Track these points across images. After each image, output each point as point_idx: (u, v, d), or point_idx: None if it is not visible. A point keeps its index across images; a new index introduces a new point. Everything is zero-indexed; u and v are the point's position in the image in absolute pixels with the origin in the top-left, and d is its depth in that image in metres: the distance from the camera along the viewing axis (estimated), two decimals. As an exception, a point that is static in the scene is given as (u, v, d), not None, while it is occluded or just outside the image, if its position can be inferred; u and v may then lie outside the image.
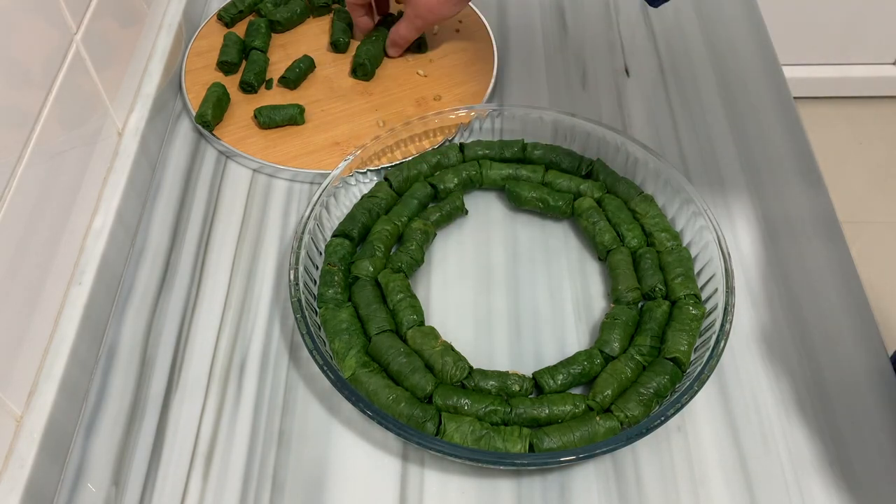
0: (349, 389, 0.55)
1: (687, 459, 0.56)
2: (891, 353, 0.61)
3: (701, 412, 0.58)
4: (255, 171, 0.73)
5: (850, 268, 0.65)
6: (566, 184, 0.68)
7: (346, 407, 0.58)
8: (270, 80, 0.78)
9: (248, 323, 0.63)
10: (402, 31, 0.78)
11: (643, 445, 0.56)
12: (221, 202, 0.71)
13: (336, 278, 0.62)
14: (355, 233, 0.65)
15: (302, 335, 0.57)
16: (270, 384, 0.60)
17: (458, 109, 0.72)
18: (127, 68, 0.71)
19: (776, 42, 0.84)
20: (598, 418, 0.54)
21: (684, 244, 0.64)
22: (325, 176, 0.69)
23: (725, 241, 0.61)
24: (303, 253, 0.61)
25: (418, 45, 0.81)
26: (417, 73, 0.79)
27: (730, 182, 0.71)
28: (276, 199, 0.71)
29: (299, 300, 0.59)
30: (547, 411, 0.55)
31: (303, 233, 0.62)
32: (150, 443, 0.57)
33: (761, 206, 0.69)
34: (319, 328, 0.59)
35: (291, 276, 0.60)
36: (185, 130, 0.76)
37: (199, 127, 0.74)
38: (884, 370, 0.59)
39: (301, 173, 0.72)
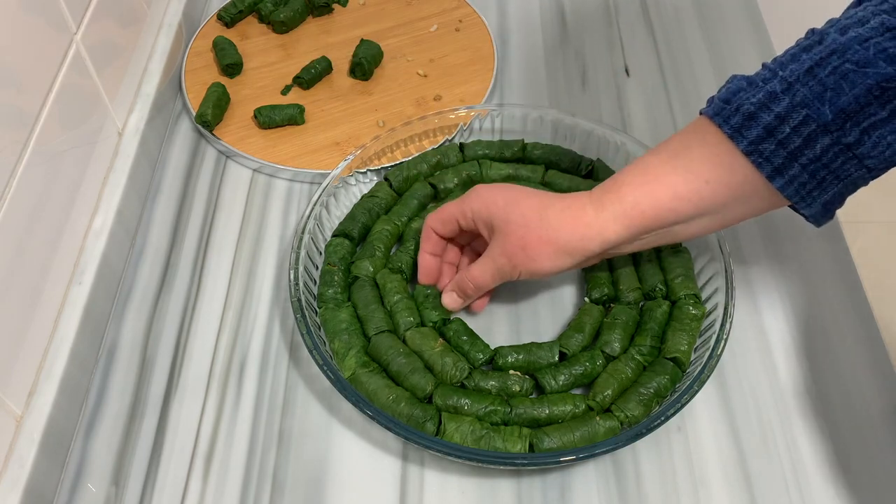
0: (349, 389, 0.55)
1: (687, 459, 0.56)
2: (891, 352, 0.61)
3: (701, 412, 0.58)
4: (255, 171, 0.73)
5: (850, 267, 0.65)
6: (566, 184, 0.68)
7: (346, 407, 0.58)
8: (288, 87, 0.78)
9: (248, 323, 0.63)
10: (476, 274, 0.58)
11: (643, 445, 0.56)
12: (221, 202, 0.71)
13: (336, 278, 0.62)
14: (355, 233, 0.65)
15: (302, 335, 0.57)
16: (270, 384, 0.60)
17: (457, 109, 0.72)
18: (127, 68, 0.71)
19: (777, 42, 0.84)
20: (598, 418, 0.54)
21: (684, 244, 0.64)
22: (325, 176, 0.69)
23: (725, 241, 0.61)
24: (303, 253, 0.61)
25: (363, 73, 0.79)
26: (417, 74, 0.79)
27: (730, 182, 0.71)
28: (276, 199, 0.71)
29: (299, 300, 0.59)
30: (547, 411, 0.55)
31: (303, 232, 0.62)
32: (150, 443, 0.57)
33: (761, 205, 0.69)
34: (319, 328, 0.59)
35: (291, 276, 0.60)
36: (185, 130, 0.76)
37: (200, 127, 0.74)
38: (884, 369, 0.59)
39: (301, 173, 0.72)
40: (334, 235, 0.66)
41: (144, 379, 0.60)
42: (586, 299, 0.62)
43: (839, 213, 0.69)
